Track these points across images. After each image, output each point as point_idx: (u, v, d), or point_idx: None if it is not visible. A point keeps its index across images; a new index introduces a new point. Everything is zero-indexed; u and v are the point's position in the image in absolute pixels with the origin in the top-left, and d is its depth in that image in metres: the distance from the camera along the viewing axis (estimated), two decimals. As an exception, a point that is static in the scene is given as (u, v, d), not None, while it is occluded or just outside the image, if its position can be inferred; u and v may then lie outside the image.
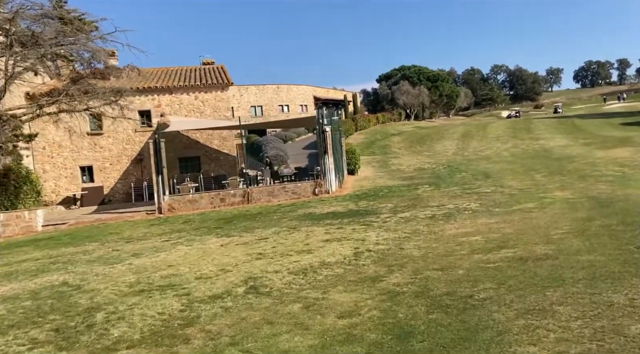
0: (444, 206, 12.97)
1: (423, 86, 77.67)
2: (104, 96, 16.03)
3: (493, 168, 24.87)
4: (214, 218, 15.11)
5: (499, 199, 13.37)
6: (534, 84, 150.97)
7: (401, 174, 28.74)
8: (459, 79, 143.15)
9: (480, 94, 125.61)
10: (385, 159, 38.43)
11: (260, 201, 18.77)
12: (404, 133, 53.90)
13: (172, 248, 10.05)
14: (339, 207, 14.95)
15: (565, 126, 47.64)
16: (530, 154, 30.77)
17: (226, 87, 25.07)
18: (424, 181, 21.85)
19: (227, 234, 11.31)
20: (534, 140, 37.84)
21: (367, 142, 48.25)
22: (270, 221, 13.01)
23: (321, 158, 19.69)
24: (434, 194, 16.22)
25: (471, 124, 60.12)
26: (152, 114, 24.16)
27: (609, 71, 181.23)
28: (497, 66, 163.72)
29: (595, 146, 29.66)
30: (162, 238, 11.82)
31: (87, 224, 16.26)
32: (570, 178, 16.73)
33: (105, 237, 12.91)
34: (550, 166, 21.32)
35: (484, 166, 26.60)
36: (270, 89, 63.07)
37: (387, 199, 16.20)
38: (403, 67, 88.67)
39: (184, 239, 11.02)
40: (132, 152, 23.92)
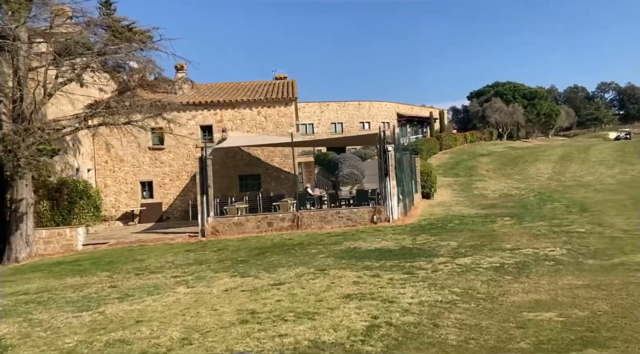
0: (519, 251, 10.24)
1: (518, 104, 72.14)
2: (149, 109, 15.16)
3: (593, 198, 21.06)
4: (249, 247, 13.46)
5: (595, 245, 10.36)
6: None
7: (483, 200, 25.55)
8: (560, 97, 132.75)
9: (584, 113, 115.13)
10: (469, 181, 35.10)
11: (311, 227, 16.90)
12: (494, 154, 49.70)
13: (171, 289, 8.47)
14: (392, 242, 12.65)
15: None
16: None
17: (290, 102, 23.71)
18: (506, 211, 18.79)
19: (246, 272, 9.54)
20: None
21: (451, 163, 44.95)
22: (303, 257, 11.06)
23: (381, 181, 17.45)
24: (512, 231, 13.36)
25: (572, 146, 54.22)
26: (213, 129, 23.37)
27: None
28: (604, 84, 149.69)
29: None
30: (177, 271, 10.33)
31: (124, 246, 15.37)
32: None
33: (123, 265, 11.72)
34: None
35: (582, 195, 22.75)
36: (352, 106, 61.61)
37: (453, 233, 13.61)
38: (497, 83, 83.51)
39: (195, 276, 9.42)
40: (192, 169, 23.22)
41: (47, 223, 16.87)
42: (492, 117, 69.15)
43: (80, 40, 13.78)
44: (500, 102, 70.40)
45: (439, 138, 54.01)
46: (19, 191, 13.56)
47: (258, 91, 25.01)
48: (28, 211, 13.84)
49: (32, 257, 14.20)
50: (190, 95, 24.26)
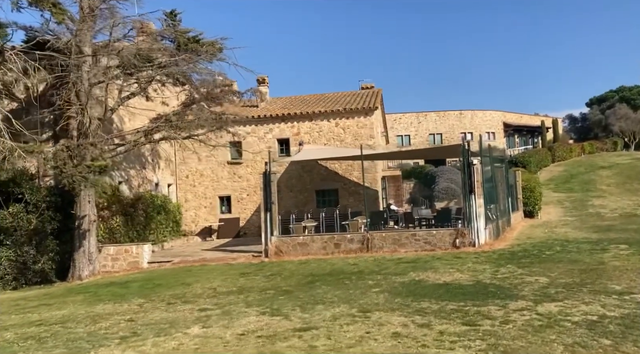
0: (630, 297, 7.76)
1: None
2: (212, 123, 14.62)
3: None
4: (304, 273, 12.15)
5: None
6: None
7: (597, 220, 21.90)
8: None
9: None
10: (584, 198, 30.85)
11: (382, 250, 15.17)
12: (618, 166, 43.81)
13: (184, 328, 7.46)
14: (467, 274, 10.59)
15: None
16: None
17: (370, 113, 22.21)
18: (624, 237, 15.56)
19: (279, 309, 8.25)
20: None
21: (564, 176, 40.33)
22: (354, 290, 9.51)
23: (466, 200, 15.22)
24: (627, 265, 10.59)
25: None
26: (290, 142, 22.60)
27: None
28: None
29: None
30: (211, 302, 9.36)
31: (185, 265, 14.87)
32: None
33: (166, 290, 11.04)
34: None
35: None
36: (452, 116, 58.35)
37: (548, 265, 11.15)
38: (622, 88, 74.49)
39: (223, 311, 8.36)
40: (269, 183, 22.60)
41: (120, 239, 17.03)
42: (616, 125, 61.42)
43: (144, 53, 13.60)
44: (627, 108, 62.44)
45: (551, 149, 48.88)
46: (82, 208, 13.63)
47: (339, 102, 23.87)
48: (91, 228, 13.86)
49: (95, 275, 14.20)
50: (269, 108, 23.81)
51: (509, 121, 61.07)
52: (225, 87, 15.64)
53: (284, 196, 22.55)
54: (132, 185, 18.66)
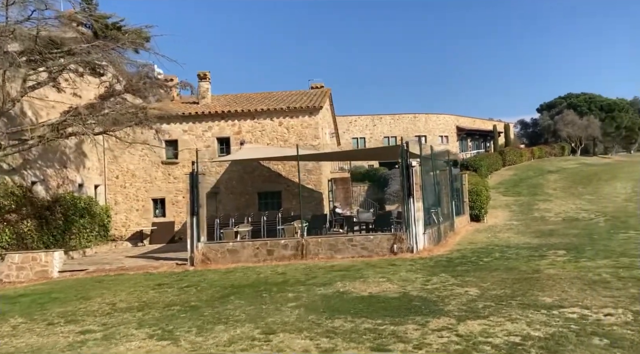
0: (560, 311, 7.11)
1: (593, 117, 65.41)
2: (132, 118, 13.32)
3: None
4: (224, 285, 11.08)
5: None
6: None
7: (541, 225, 21.77)
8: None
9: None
10: (531, 201, 31.02)
11: (318, 257, 14.27)
12: (565, 170, 44.74)
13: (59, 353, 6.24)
14: (396, 285, 9.80)
15: None
16: None
17: (315, 112, 21.34)
18: (564, 242, 15.25)
19: (173, 331, 7.20)
20: None
21: (514, 180, 40.70)
22: (268, 306, 8.53)
23: (404, 203, 14.51)
24: (562, 274, 10.06)
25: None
26: (231, 141, 21.44)
27: None
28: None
29: None
30: (99, 322, 8.17)
31: (99, 275, 13.49)
32: None
33: (60, 306, 9.75)
34: None
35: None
36: (407, 119, 58.41)
37: (483, 274, 10.52)
38: (570, 95, 76.83)
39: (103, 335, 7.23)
40: (206, 184, 21.28)
41: (33, 245, 15.43)
42: (563, 131, 63.11)
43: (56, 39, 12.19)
44: (573, 115, 64.25)
45: (502, 153, 49.48)
46: (-25, 210, 12.09)
47: (284, 101, 22.88)
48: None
49: (-6, 285, 12.66)
50: (209, 105, 22.56)
51: (462, 125, 61.75)
52: (148, 79, 14.33)
53: (223, 198, 21.39)
54: (49, 186, 17.05)
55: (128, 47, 13.38)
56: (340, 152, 19.99)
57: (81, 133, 13.42)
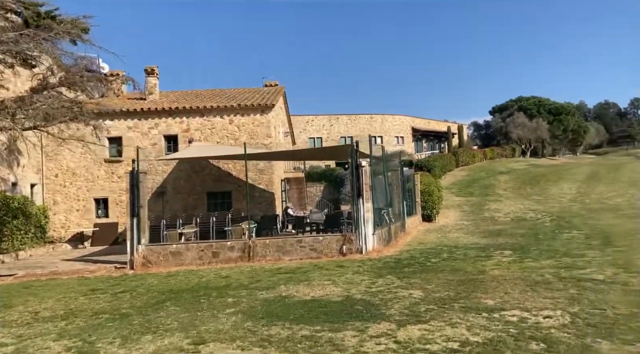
0: (501, 314, 7.00)
1: (542, 119, 67.79)
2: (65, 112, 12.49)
3: (620, 227, 17.46)
4: (162, 290, 10.50)
5: (616, 308, 7.04)
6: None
7: (491, 225, 22.11)
8: (590, 114, 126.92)
9: (615, 130, 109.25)
10: (483, 202, 31.56)
11: (266, 259, 13.86)
12: (515, 171, 45.93)
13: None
14: (341, 287, 9.53)
15: None
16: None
17: (267, 110, 20.88)
18: (511, 242, 15.44)
19: (92, 344, 6.66)
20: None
21: (467, 181, 41.42)
22: (204, 312, 8.07)
23: (354, 203, 14.31)
24: (506, 275, 10.06)
25: (601, 164, 49.91)
26: (179, 139, 20.68)
27: None
28: (638, 100, 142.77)
29: None
30: (13, 334, 7.53)
31: (29, 280, 12.61)
32: None
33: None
34: None
35: (607, 222, 19.13)
36: (363, 119, 58.64)
37: (429, 275, 10.41)
38: (521, 98, 79.29)
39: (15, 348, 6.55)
40: (152, 184, 20.52)
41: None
42: (514, 133, 65.07)
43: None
44: (523, 117, 66.36)
45: (456, 154, 50.43)
46: None
47: (236, 98, 22.29)
48: None
49: None
50: (156, 101, 21.71)
51: (417, 126, 62.61)
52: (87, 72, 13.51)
53: (170, 198, 20.61)
54: None
55: (63, 38, 12.54)
56: (289, 152, 19.62)
57: (8, 128, 12.49)
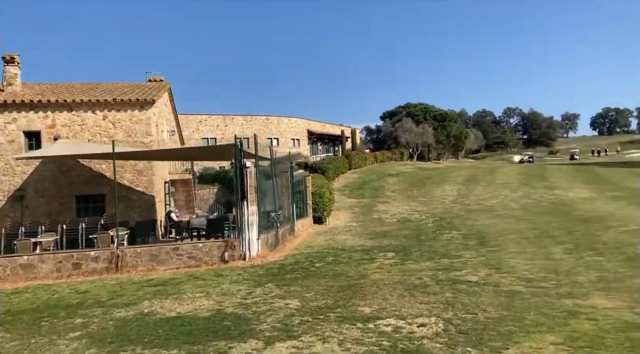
0: (376, 324, 6.64)
1: (428, 125, 71.94)
2: None
3: (495, 227, 18.48)
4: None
5: (487, 311, 7.02)
6: (549, 128, 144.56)
7: (378, 226, 22.41)
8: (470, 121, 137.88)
9: (491, 137, 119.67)
10: (372, 203, 32.14)
11: (137, 270, 12.53)
12: (403, 174, 47.75)
13: None
14: (214, 300, 8.68)
15: (585, 174, 41.08)
16: (545, 207, 24.31)
17: (147, 105, 19.26)
18: (395, 244, 15.56)
19: None
20: (549, 189, 31.36)
21: (359, 183, 42.18)
22: (43, 338, 6.87)
23: (237, 207, 13.50)
24: (386, 278, 9.88)
25: (479, 168, 53.81)
26: (42, 136, 18.33)
27: (628, 119, 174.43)
28: (510, 109, 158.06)
29: (628, 202, 23.16)
30: None
31: None
32: (612, 260, 10.30)
33: None
34: (574, 231, 14.88)
35: (484, 222, 20.23)
36: (259, 121, 57.75)
37: (310, 281, 9.92)
38: (409, 104, 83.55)
39: None
40: (9, 187, 17.99)
41: None
42: (402, 138, 68.25)
43: None
44: (411, 123, 69.89)
45: (349, 157, 51.45)
46: None
47: (113, 92, 20.32)
48: None
49: None
50: (16, 93, 19.09)
51: (313, 129, 63.12)
52: None
53: (30, 202, 18.20)
54: None
55: None
56: (165, 151, 18.16)
57: None
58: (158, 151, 17.45)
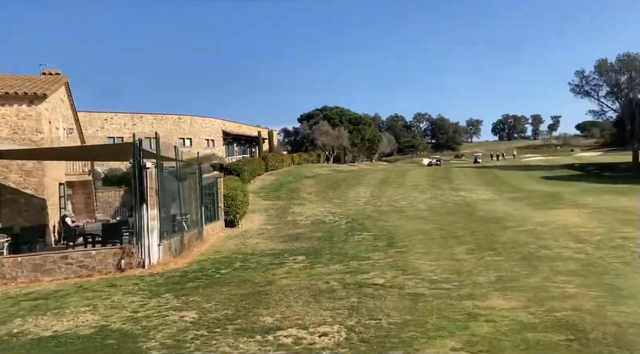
0: (276, 335, 6.25)
1: (344, 128, 73.19)
2: None
3: (404, 227, 18.85)
4: None
5: (390, 316, 6.88)
6: (455, 133, 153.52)
7: (292, 228, 22.09)
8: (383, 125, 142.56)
9: (403, 140, 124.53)
10: (288, 206, 31.79)
11: (17, 282, 11.16)
12: (319, 176, 47.95)
13: None
14: (100, 314, 7.81)
15: (487, 177, 43.75)
16: (451, 208, 25.34)
17: (38, 100, 17.47)
18: (306, 246, 15.31)
19: None
20: (455, 191, 32.91)
21: (275, 185, 41.66)
22: None
23: (136, 211, 12.50)
24: (293, 284, 9.51)
25: (391, 170, 55.51)
26: None
27: (524, 125, 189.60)
28: (420, 114, 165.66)
29: (525, 203, 24.74)
30: None
31: None
32: (510, 260, 10.71)
33: None
34: (476, 232, 15.47)
35: (394, 223, 20.61)
36: (171, 120, 55.36)
37: (213, 290, 9.32)
38: (325, 107, 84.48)
39: None
40: None
41: None
42: (319, 140, 68.83)
43: None
44: (327, 126, 70.71)
45: (265, 159, 50.81)
46: None
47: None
48: None
49: None
50: None
51: (229, 130, 61.73)
52: None
53: None
54: None
55: None
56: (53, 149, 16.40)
57: None
58: (44, 150, 15.83)
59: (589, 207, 19.57)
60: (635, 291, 7.49)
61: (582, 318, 6.18)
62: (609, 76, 56.07)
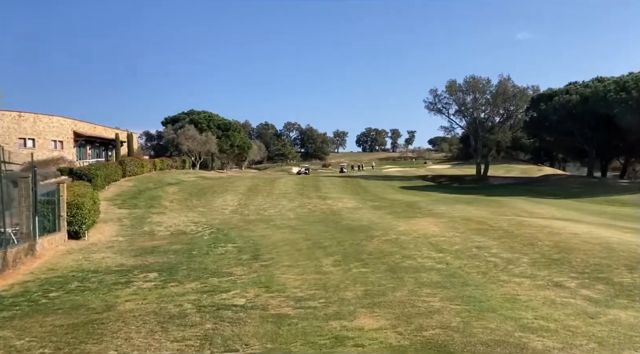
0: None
1: (212, 133, 70.77)
2: None
3: (270, 238, 18.09)
4: None
5: (249, 348, 5.92)
6: (323, 143, 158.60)
7: (147, 240, 20.05)
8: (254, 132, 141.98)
9: (273, 149, 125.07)
10: (146, 215, 29.16)
11: None
12: (184, 183, 45.33)
13: None
14: None
15: (352, 186, 45.22)
16: (318, 216, 25.29)
17: None
18: (161, 261, 13.72)
19: None
20: (322, 199, 33.20)
21: (133, 192, 38.23)
22: None
23: None
24: (138, 309, 8.09)
25: (260, 178, 54.72)
26: None
27: (384, 139, 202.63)
28: (290, 123, 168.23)
29: (387, 211, 25.65)
30: None
31: None
32: (376, 272, 10.43)
33: None
34: (343, 241, 15.24)
35: (261, 233, 19.76)
36: (9, 117, 48.30)
37: (32, 320, 7.52)
38: (192, 111, 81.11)
39: None
40: None
41: None
42: (185, 145, 65.59)
43: None
44: (194, 130, 67.77)
45: (123, 163, 46.61)
46: None
47: None
48: None
49: None
50: None
51: (81, 131, 55.87)
52: None
53: None
54: None
55: None
56: None
57: None
58: None
59: (444, 216, 20.69)
60: (494, 303, 7.52)
61: (451, 337, 5.87)
62: (457, 96, 61.94)
